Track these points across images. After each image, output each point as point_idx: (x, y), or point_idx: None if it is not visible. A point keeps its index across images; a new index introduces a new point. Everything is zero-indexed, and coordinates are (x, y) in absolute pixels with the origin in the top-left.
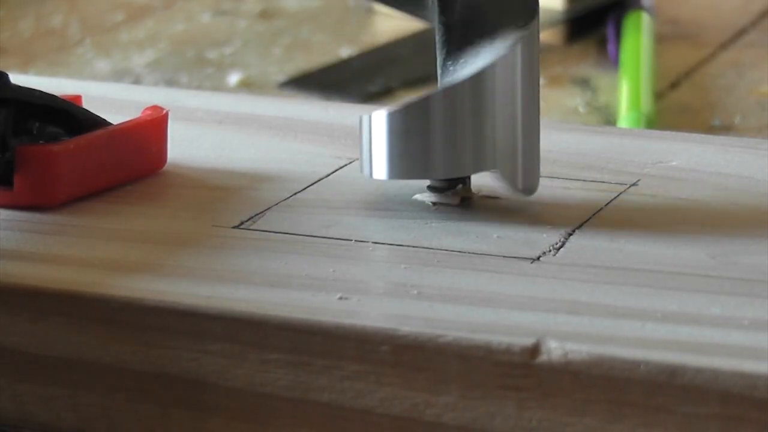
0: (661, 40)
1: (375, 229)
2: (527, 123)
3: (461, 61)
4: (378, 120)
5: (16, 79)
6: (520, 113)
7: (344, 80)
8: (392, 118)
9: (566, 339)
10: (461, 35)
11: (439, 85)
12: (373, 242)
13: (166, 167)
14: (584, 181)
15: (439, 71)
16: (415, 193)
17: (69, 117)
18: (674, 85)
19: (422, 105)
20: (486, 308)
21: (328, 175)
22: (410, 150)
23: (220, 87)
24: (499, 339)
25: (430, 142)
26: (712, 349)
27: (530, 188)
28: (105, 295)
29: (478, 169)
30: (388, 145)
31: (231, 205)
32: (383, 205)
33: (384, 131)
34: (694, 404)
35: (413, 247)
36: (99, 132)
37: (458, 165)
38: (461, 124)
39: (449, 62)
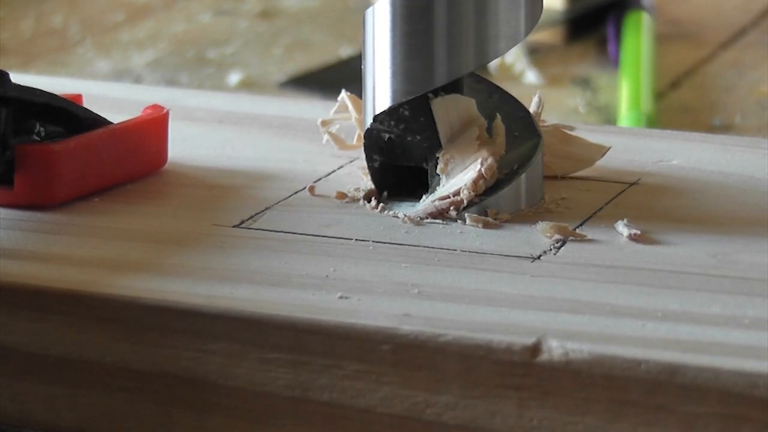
0: (661, 40)
1: (375, 228)
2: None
3: None
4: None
5: (17, 78)
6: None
7: (344, 80)
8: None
9: (567, 338)
10: None
11: None
12: (373, 241)
13: (166, 166)
14: (585, 180)
15: None
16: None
17: (69, 116)
18: (674, 84)
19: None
20: (486, 307)
21: (328, 174)
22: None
23: (220, 87)
24: (499, 338)
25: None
26: (712, 348)
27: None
28: (105, 294)
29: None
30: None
31: (231, 204)
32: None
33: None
34: (694, 403)
35: (413, 246)
36: (99, 131)
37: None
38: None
39: None
